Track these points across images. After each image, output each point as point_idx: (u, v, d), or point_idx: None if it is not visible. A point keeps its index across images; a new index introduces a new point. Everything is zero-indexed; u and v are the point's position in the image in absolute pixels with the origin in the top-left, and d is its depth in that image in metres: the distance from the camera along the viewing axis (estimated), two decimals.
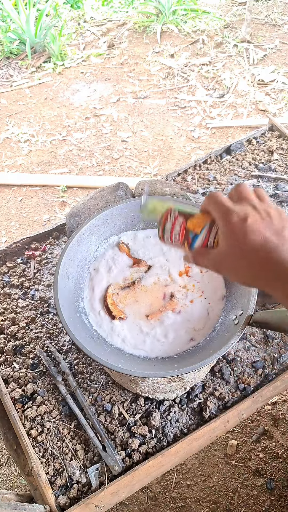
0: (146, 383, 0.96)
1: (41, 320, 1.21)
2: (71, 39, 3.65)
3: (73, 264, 1.01)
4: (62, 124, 2.97)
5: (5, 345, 1.17)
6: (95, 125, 2.93)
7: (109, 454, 0.96)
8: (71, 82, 3.28)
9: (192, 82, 3.15)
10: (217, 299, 1.00)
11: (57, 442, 0.99)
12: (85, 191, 2.51)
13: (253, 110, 2.91)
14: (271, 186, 1.49)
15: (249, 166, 1.57)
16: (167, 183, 1.30)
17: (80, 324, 0.95)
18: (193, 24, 3.61)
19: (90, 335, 0.95)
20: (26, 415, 1.02)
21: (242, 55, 3.29)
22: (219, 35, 3.48)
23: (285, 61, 3.22)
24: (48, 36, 3.42)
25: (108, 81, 3.26)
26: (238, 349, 1.12)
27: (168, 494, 1.50)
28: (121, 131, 2.88)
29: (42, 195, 2.53)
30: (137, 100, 3.08)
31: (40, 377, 1.10)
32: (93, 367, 1.10)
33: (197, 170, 1.58)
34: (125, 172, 2.63)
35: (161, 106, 3.02)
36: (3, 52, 3.49)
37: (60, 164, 2.71)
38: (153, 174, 2.59)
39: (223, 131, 2.81)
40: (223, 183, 1.51)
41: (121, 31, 3.67)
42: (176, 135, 2.82)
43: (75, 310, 0.97)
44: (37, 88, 3.26)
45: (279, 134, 1.68)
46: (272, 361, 1.11)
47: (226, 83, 3.09)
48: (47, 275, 1.31)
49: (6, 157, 2.77)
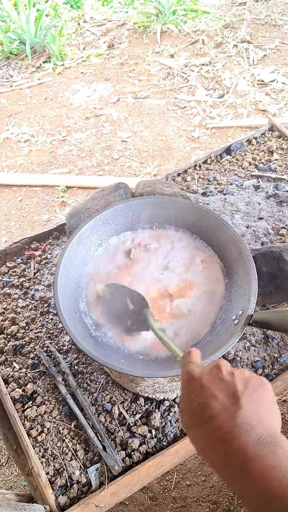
0: (146, 383, 0.96)
1: (41, 320, 1.21)
2: (71, 39, 3.65)
3: (73, 264, 1.01)
4: (62, 124, 2.97)
5: (5, 345, 1.17)
6: (95, 125, 2.93)
7: (109, 454, 0.96)
8: (71, 82, 3.28)
9: (192, 82, 3.15)
10: (217, 299, 1.00)
11: (57, 442, 1.00)
12: (85, 191, 2.51)
13: (253, 110, 2.91)
14: (271, 186, 1.49)
15: (249, 166, 1.58)
16: (167, 183, 1.30)
17: (80, 324, 0.95)
18: (193, 24, 3.61)
19: (90, 335, 0.95)
20: (26, 415, 1.02)
21: (242, 55, 3.29)
22: (219, 35, 3.48)
23: (285, 61, 3.22)
24: (48, 36, 3.42)
25: (108, 81, 3.26)
26: (238, 349, 1.12)
27: (168, 494, 1.50)
28: (121, 131, 2.88)
29: (42, 195, 2.53)
30: (137, 100, 3.08)
31: (40, 377, 1.10)
32: (93, 367, 1.10)
33: (197, 170, 1.58)
34: (125, 172, 2.63)
35: (161, 106, 3.02)
36: (3, 52, 3.49)
37: (60, 164, 2.71)
38: (153, 174, 2.59)
39: (223, 131, 2.81)
40: (223, 183, 1.51)
41: (121, 31, 3.67)
42: (176, 135, 2.82)
43: (75, 310, 0.97)
44: (37, 88, 3.26)
45: (279, 134, 1.68)
46: (272, 361, 1.11)
47: (226, 83, 3.09)
48: (47, 275, 1.31)
49: (6, 157, 2.77)
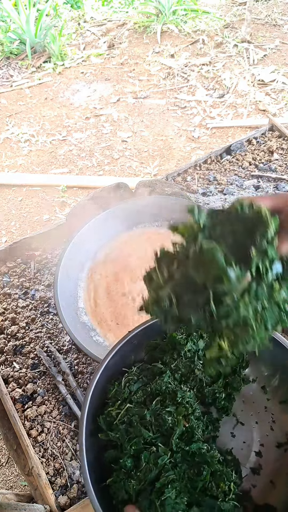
0: None
1: (41, 320, 1.21)
2: (71, 39, 3.65)
3: (73, 264, 1.01)
4: (62, 124, 2.97)
5: (5, 345, 1.17)
6: (95, 125, 2.93)
7: None
8: (71, 82, 3.28)
9: (192, 82, 3.15)
10: None
11: (57, 442, 0.99)
12: (85, 191, 2.51)
13: (253, 110, 2.91)
14: (271, 186, 1.49)
15: (249, 166, 1.58)
16: (167, 183, 1.30)
17: (80, 324, 0.95)
18: (193, 24, 3.61)
19: (90, 335, 0.95)
20: (26, 415, 1.02)
21: (242, 55, 3.29)
22: (219, 35, 3.48)
23: (285, 61, 3.22)
24: (48, 36, 3.42)
25: (108, 81, 3.26)
26: None
27: None
28: (121, 131, 2.88)
29: (42, 195, 2.53)
30: (137, 100, 3.08)
31: (40, 377, 1.10)
32: (93, 367, 1.10)
33: (197, 170, 1.58)
34: (125, 172, 2.63)
35: (161, 106, 3.02)
36: (3, 52, 3.49)
37: (60, 164, 2.71)
38: (153, 174, 2.59)
39: (223, 131, 2.81)
40: (223, 183, 1.51)
41: (121, 31, 3.67)
42: (176, 135, 2.82)
43: (75, 310, 0.98)
44: (37, 88, 3.26)
45: (279, 134, 1.68)
46: None
47: (226, 83, 3.09)
48: (47, 275, 1.31)
49: (6, 157, 2.77)
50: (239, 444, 0.77)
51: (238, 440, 0.77)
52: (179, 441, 0.65)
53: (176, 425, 0.65)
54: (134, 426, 0.67)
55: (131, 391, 0.72)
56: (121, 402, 0.70)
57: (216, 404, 0.75)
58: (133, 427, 0.67)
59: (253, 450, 0.76)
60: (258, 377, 0.82)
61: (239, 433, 0.78)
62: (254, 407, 0.81)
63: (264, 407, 0.80)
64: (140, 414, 0.67)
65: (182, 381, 0.73)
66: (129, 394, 0.71)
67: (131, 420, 0.67)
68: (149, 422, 0.67)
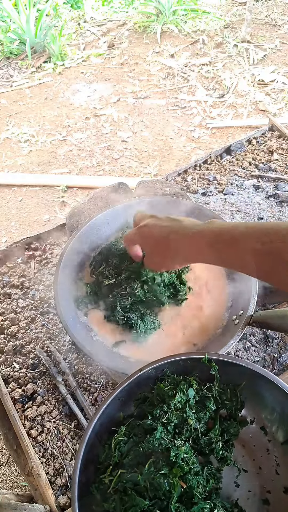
0: None
1: (41, 320, 1.21)
2: (71, 39, 3.65)
3: (73, 264, 1.01)
4: (62, 124, 2.97)
5: (5, 345, 1.17)
6: (95, 125, 2.93)
7: None
8: (71, 82, 3.28)
9: (192, 82, 3.15)
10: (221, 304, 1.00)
11: (57, 442, 0.99)
12: (85, 191, 2.51)
13: (253, 110, 2.91)
14: (271, 186, 1.49)
15: (249, 166, 1.58)
16: (167, 183, 1.30)
17: (80, 324, 0.95)
18: (193, 24, 3.61)
19: (90, 335, 0.95)
20: (26, 415, 1.02)
21: (242, 55, 3.29)
22: (219, 35, 3.48)
23: (285, 61, 3.22)
24: (48, 36, 3.42)
25: (108, 81, 3.26)
26: (238, 349, 1.12)
27: None
28: (121, 131, 2.88)
29: (42, 195, 2.53)
30: (137, 100, 3.08)
31: (40, 377, 1.10)
32: (93, 367, 1.10)
33: (197, 170, 1.58)
34: (125, 172, 2.63)
35: (161, 106, 3.02)
36: (3, 52, 3.49)
37: (60, 164, 2.71)
38: (153, 174, 2.59)
39: (223, 131, 2.81)
40: (223, 183, 1.51)
41: (121, 31, 3.67)
42: (176, 135, 2.82)
43: (75, 310, 0.98)
44: (37, 88, 3.26)
45: (279, 134, 1.68)
46: (272, 361, 1.11)
47: (226, 83, 3.09)
48: (47, 275, 1.31)
49: (6, 157, 2.77)
50: (245, 494, 0.72)
51: (242, 490, 0.72)
52: (178, 504, 0.61)
53: (173, 488, 0.61)
54: (128, 494, 0.61)
55: (122, 453, 0.67)
56: (113, 467, 0.65)
57: (214, 454, 0.71)
58: (128, 496, 0.61)
59: (260, 498, 0.71)
60: (255, 417, 0.77)
61: (243, 482, 0.73)
62: (255, 451, 0.75)
63: (266, 449, 0.75)
64: (134, 480, 0.62)
65: (176, 433, 0.68)
66: (120, 457, 0.66)
67: (125, 488, 0.62)
68: (144, 489, 0.61)
